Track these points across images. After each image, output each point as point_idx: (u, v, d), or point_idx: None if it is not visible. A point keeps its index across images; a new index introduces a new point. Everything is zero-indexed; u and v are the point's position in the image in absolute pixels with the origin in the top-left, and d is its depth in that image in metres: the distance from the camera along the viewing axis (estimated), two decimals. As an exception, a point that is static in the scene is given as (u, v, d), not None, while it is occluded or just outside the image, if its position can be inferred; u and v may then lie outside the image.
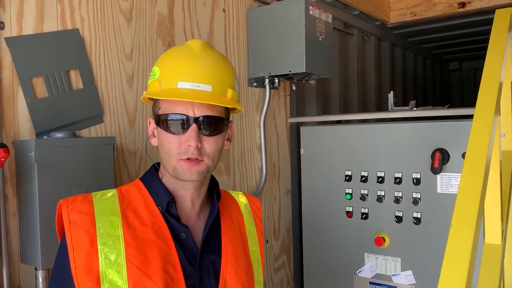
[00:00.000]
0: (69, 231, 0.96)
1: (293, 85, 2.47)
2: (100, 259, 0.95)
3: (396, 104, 2.33)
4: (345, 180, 2.32)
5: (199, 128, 1.01)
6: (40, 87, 1.48)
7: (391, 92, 2.34)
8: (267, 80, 2.37)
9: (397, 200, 2.17)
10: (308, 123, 2.69)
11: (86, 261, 0.95)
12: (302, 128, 2.49)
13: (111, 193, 1.06)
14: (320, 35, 2.28)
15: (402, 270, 2.18)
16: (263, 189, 2.45)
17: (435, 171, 2.03)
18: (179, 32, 1.99)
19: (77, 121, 1.58)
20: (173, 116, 1.01)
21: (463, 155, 1.99)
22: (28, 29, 1.46)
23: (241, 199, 1.27)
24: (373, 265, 2.26)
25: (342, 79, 3.28)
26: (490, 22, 3.67)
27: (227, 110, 1.09)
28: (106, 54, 1.68)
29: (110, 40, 1.70)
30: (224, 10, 2.23)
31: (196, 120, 1.01)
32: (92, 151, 1.49)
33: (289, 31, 2.21)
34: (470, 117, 2.05)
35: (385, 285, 2.23)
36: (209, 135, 1.03)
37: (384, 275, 2.23)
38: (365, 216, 2.27)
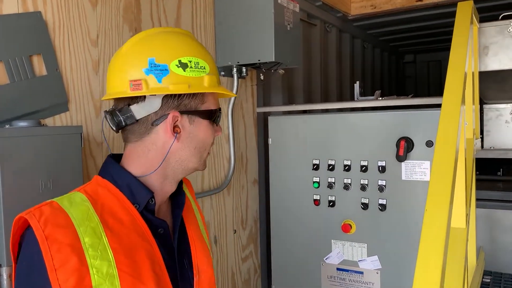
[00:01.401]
0: (48, 249, 0.83)
1: (261, 74, 2.46)
2: (92, 275, 0.86)
3: (361, 94, 2.38)
4: (312, 169, 2.35)
5: None
6: (0, 72, 1.39)
7: (357, 82, 2.38)
8: (235, 69, 2.34)
9: (363, 187, 2.22)
10: (274, 112, 2.69)
11: (78, 280, 0.84)
12: (270, 118, 2.49)
13: (79, 197, 0.94)
14: (288, 24, 2.27)
15: (368, 256, 2.24)
16: (231, 179, 2.44)
17: (400, 159, 2.09)
18: (146, 17, 1.93)
19: (41, 109, 1.49)
20: (217, 109, 1.07)
21: (427, 143, 2.06)
22: (-14, 11, 1.36)
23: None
24: (340, 252, 2.31)
25: (306, 70, 3.30)
26: (445, 15, 3.83)
27: None
28: (70, 39, 1.60)
29: (75, 24, 1.62)
30: (191, -3, 2.18)
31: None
32: (58, 141, 1.42)
33: (257, 20, 2.19)
34: (433, 106, 2.13)
35: (351, 270, 2.28)
36: None
37: (351, 261, 2.28)
38: (332, 203, 2.31)
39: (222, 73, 2.37)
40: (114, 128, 1.00)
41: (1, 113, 1.38)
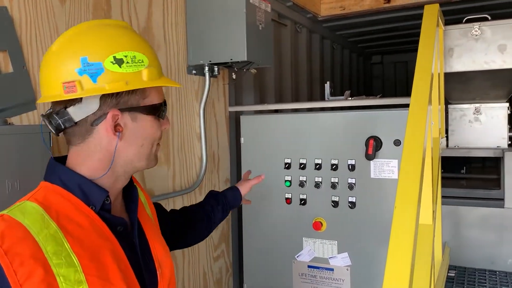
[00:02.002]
0: (9, 264, 0.79)
1: (233, 73, 2.46)
2: (60, 283, 0.82)
3: (332, 94, 2.41)
4: (284, 168, 2.37)
5: None
6: (-36, 69, 1.34)
7: (328, 82, 2.42)
8: (206, 68, 2.34)
9: (333, 185, 2.25)
10: (246, 112, 2.70)
11: None
12: (242, 117, 2.50)
13: (30, 206, 0.89)
14: (260, 24, 2.29)
15: (338, 253, 2.28)
16: (203, 179, 2.43)
17: (369, 157, 2.14)
18: (116, 15, 1.90)
19: (7, 107, 1.45)
20: (162, 103, 1.03)
21: (395, 142, 2.12)
22: (-51, 5, 1.31)
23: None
24: (311, 249, 2.34)
25: (277, 69, 3.33)
26: (412, 17, 3.93)
27: None
28: (38, 36, 1.56)
29: (43, 21, 1.58)
30: (162, -6, 2.16)
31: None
32: (26, 140, 1.38)
33: (229, 19, 2.20)
34: (401, 106, 2.19)
35: (322, 267, 2.32)
36: None
37: (322, 258, 2.31)
38: (303, 202, 2.34)
39: (194, 71, 2.36)
40: (54, 132, 0.96)
41: (-35, 112, 1.33)
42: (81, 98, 0.92)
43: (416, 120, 1.48)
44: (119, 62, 0.93)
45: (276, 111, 2.77)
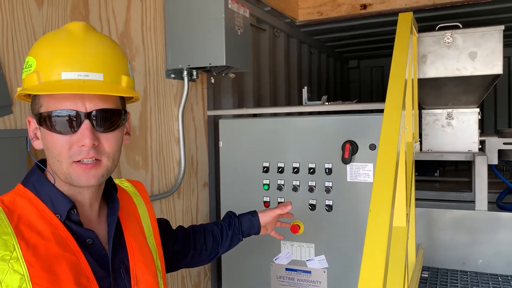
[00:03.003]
0: None
1: (211, 78, 2.48)
2: None
3: (309, 98, 2.45)
4: (262, 172, 2.39)
5: (93, 125, 0.90)
6: None
7: (305, 87, 2.46)
8: (185, 72, 2.35)
9: (311, 189, 2.29)
10: (225, 116, 2.72)
11: None
12: (220, 121, 2.51)
13: None
14: (239, 29, 2.31)
15: (315, 255, 2.31)
16: (181, 183, 2.43)
17: (346, 161, 2.18)
18: (95, 19, 1.90)
19: (-15, 111, 1.43)
20: (59, 113, 0.88)
21: (370, 146, 2.17)
22: None
23: (129, 188, 1.20)
24: (288, 252, 2.36)
25: (255, 74, 3.36)
26: (388, 23, 4.02)
27: (123, 101, 1.00)
28: (15, 40, 1.55)
29: (20, 24, 1.57)
30: (140, -2, 2.16)
31: (88, 115, 0.89)
32: (3, 145, 1.37)
33: (208, 24, 2.21)
34: (376, 111, 2.24)
35: (300, 270, 2.35)
36: (106, 131, 0.92)
37: (299, 260, 2.34)
38: (281, 205, 2.36)
39: (172, 75, 2.37)
40: None
41: None
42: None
43: (390, 125, 1.52)
44: (25, 67, 0.92)
45: (255, 115, 2.80)
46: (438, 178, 3.71)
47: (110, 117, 0.92)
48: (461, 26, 2.48)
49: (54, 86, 0.86)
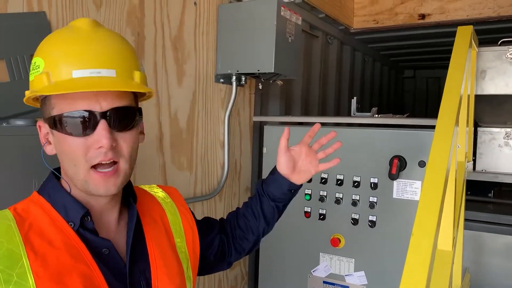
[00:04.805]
0: None
1: (259, 84, 2.48)
2: None
3: (358, 109, 2.40)
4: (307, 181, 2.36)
5: (110, 124, 0.84)
6: (1, 70, 1.40)
7: (354, 98, 2.40)
8: (234, 77, 2.36)
9: (354, 203, 2.23)
10: (270, 122, 2.70)
11: None
12: (265, 128, 2.50)
13: (4, 216, 0.84)
14: (290, 36, 2.29)
15: (355, 271, 2.25)
16: (224, 186, 2.45)
17: (393, 177, 2.11)
18: (149, 22, 1.95)
19: (38, 108, 1.50)
20: (73, 114, 0.82)
21: (420, 163, 2.08)
22: (-9, 8, 1.37)
23: (158, 193, 1.14)
24: (327, 265, 2.32)
25: (305, 81, 3.32)
26: (446, 34, 3.87)
27: (136, 98, 0.95)
28: (73, 40, 1.61)
29: (78, 26, 1.63)
30: (195, 3, 2.20)
31: (104, 114, 0.83)
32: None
33: (259, 30, 2.21)
34: (428, 127, 2.15)
35: (338, 284, 2.30)
36: (124, 130, 0.87)
37: (338, 275, 2.29)
38: (322, 217, 2.32)
39: (221, 80, 2.39)
40: None
41: (1, 111, 1.39)
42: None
43: (441, 143, 1.45)
44: (32, 69, 0.88)
45: (301, 123, 2.77)
46: (491, 199, 3.51)
47: (127, 116, 0.87)
48: (526, 41, 2.34)
49: (66, 85, 0.80)
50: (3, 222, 0.82)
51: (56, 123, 0.84)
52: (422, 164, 2.07)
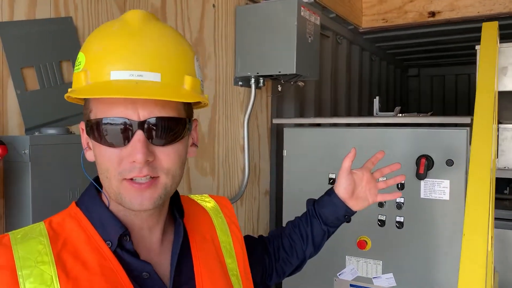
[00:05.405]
0: None
1: (278, 86, 2.45)
2: None
3: (381, 109, 2.37)
4: (329, 183, 2.32)
5: (149, 136, 0.73)
6: (31, 78, 1.36)
7: (377, 97, 2.37)
8: (253, 80, 2.33)
9: (380, 204, 2.19)
10: (287, 124, 2.67)
11: None
12: (285, 130, 2.47)
13: (38, 231, 0.76)
14: (310, 36, 2.26)
15: (383, 273, 2.21)
16: (245, 190, 2.41)
17: (420, 176, 2.08)
18: (171, 25, 1.89)
19: (68, 116, 1.46)
20: (108, 120, 0.72)
21: (448, 162, 2.05)
22: (20, 14, 1.33)
23: (209, 205, 1.03)
24: (354, 268, 2.28)
25: (317, 82, 3.29)
26: (456, 32, 3.84)
27: (189, 106, 0.81)
28: (99, 46, 1.58)
29: (104, 30, 1.60)
30: (214, 5, 2.16)
31: (141, 125, 0.72)
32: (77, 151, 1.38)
33: (279, 31, 2.18)
34: (451, 125, 2.12)
35: (365, 287, 2.26)
36: (164, 144, 0.74)
37: (365, 277, 2.25)
38: (348, 219, 2.28)
39: (240, 83, 2.35)
40: None
41: (30, 120, 1.35)
42: None
43: (482, 141, 1.42)
44: (75, 65, 0.78)
45: (319, 125, 2.73)
46: (508, 196, 3.49)
47: (170, 127, 0.74)
48: (547, 36, 2.31)
49: (101, 88, 0.70)
50: (38, 239, 0.74)
51: (91, 128, 0.75)
52: (450, 163, 2.04)
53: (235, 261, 0.95)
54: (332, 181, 2.31)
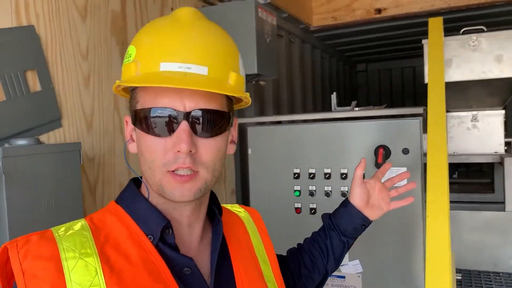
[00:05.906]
0: (24, 286, 0.67)
1: (239, 86, 2.49)
2: None
3: (338, 104, 2.47)
4: (293, 178, 2.40)
5: (192, 128, 0.74)
6: (-4, 89, 1.33)
7: (334, 93, 2.47)
8: (214, 81, 2.36)
9: (343, 194, 2.29)
10: (249, 123, 2.73)
11: None
12: (249, 129, 2.52)
13: (79, 225, 0.77)
14: (268, 37, 2.33)
15: (349, 260, 2.31)
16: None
17: (379, 165, 2.18)
18: (132, 29, 1.91)
19: (35, 126, 1.44)
20: (154, 111, 0.74)
21: (403, 151, 2.18)
22: (-19, 24, 1.30)
23: (242, 214, 1.03)
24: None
25: (274, 81, 3.37)
26: (401, 27, 4.05)
27: (231, 102, 0.83)
28: (62, 53, 1.56)
29: (66, 38, 1.58)
30: (172, 8, 2.18)
31: (187, 115, 0.73)
32: (58, 158, 1.38)
33: (238, 33, 2.23)
34: (405, 116, 2.25)
35: (333, 275, 2.35)
36: (207, 136, 0.76)
37: (333, 266, 2.34)
38: (313, 211, 2.37)
39: (202, 85, 2.38)
40: None
41: (-2, 131, 1.32)
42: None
43: (437, 130, 1.54)
44: (125, 57, 0.80)
45: (279, 122, 2.81)
46: (457, 179, 3.72)
47: (213, 120, 0.76)
48: (485, 30, 2.50)
49: (150, 78, 0.73)
50: (81, 233, 0.75)
51: (137, 118, 0.76)
52: (405, 151, 2.17)
53: (269, 268, 0.95)
54: (297, 176, 2.39)
